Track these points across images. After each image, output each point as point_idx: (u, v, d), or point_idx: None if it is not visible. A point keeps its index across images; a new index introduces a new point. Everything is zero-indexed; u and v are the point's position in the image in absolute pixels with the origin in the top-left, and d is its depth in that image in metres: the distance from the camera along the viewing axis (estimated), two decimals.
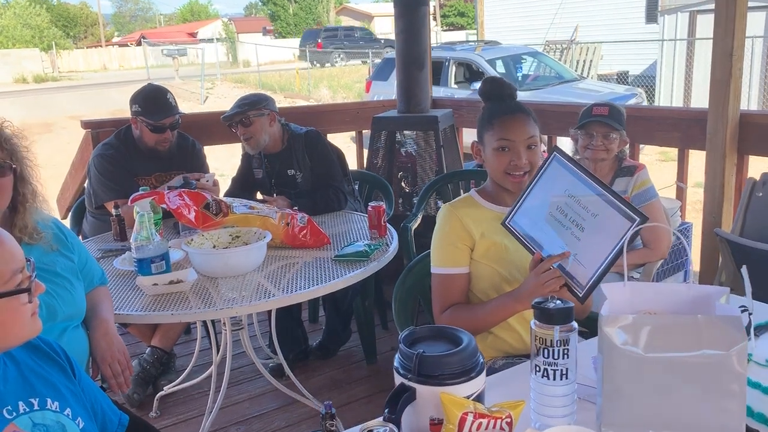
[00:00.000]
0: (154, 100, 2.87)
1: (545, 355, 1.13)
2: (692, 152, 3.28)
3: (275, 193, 3.01)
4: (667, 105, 11.11)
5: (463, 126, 4.28)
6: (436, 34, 27.60)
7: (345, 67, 25.09)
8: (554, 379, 1.13)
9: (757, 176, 2.72)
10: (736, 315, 1.04)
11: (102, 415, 1.31)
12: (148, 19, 61.81)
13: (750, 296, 1.24)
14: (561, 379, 1.13)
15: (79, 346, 1.72)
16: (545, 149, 1.81)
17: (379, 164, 3.98)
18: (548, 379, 1.13)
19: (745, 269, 1.26)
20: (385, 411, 1.04)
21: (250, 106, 2.90)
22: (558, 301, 1.16)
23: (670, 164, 7.69)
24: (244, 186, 3.16)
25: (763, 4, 10.33)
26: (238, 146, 3.20)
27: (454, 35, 30.82)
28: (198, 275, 2.09)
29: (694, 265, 3.07)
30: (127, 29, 57.48)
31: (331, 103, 14.53)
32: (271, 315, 2.76)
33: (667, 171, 6.56)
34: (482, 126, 1.76)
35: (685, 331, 1.03)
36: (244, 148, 3.10)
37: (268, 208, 2.46)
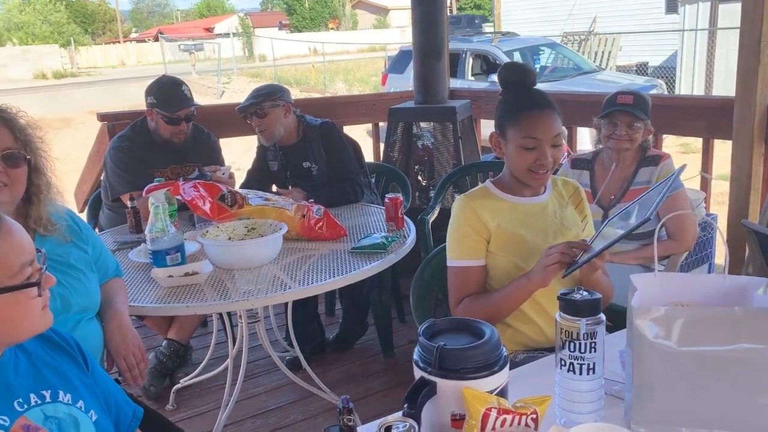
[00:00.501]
0: (169, 92, 2.85)
1: (571, 348, 1.08)
2: (716, 143, 3.20)
3: (290, 186, 2.98)
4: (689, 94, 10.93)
5: (482, 117, 4.22)
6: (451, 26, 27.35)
7: (360, 61, 24.99)
8: (581, 373, 1.09)
9: None
10: None
11: (116, 408, 1.29)
12: (165, 14, 62.14)
13: None
14: (588, 374, 1.09)
15: (94, 338, 1.70)
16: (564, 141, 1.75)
17: (396, 157, 3.93)
18: (574, 373, 1.09)
19: None
20: (405, 406, 1.00)
21: (265, 97, 2.87)
22: (585, 292, 1.11)
23: (691, 156, 7.57)
24: (259, 178, 3.14)
25: None
26: (254, 139, 3.17)
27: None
28: (213, 267, 2.07)
29: (720, 257, 2.99)
30: (144, 25, 57.83)
31: (348, 95, 14.50)
32: (288, 308, 2.74)
33: (688, 162, 6.45)
34: (505, 118, 1.67)
35: (721, 324, 0.98)
36: (259, 140, 3.07)
37: (284, 200, 2.43)
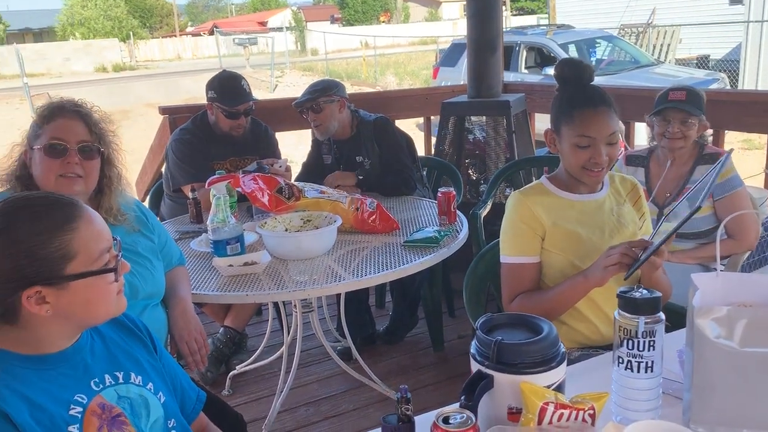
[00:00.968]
0: (229, 87, 2.92)
1: (629, 346, 1.08)
2: None
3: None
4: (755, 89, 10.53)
5: (536, 111, 4.17)
6: (505, 19, 27.01)
7: (411, 54, 24.94)
8: (638, 371, 1.08)
9: None
10: None
11: (181, 391, 1.34)
12: (220, 9, 63.33)
13: None
14: (646, 372, 1.08)
15: (159, 324, 1.78)
16: (621, 137, 1.73)
17: (446, 151, 3.93)
18: (632, 371, 1.09)
19: None
20: (462, 397, 1.02)
21: (321, 93, 2.92)
22: (644, 291, 1.10)
23: (755, 153, 7.31)
24: (314, 171, 3.18)
25: None
26: (307, 133, 3.22)
27: (524, 20, 30.13)
28: (271, 257, 2.12)
29: None
30: (200, 19, 59.07)
31: (400, 89, 14.50)
32: (340, 298, 2.78)
33: (752, 159, 6.23)
34: (560, 115, 1.66)
35: None
36: (314, 134, 3.12)
37: (339, 193, 2.47)
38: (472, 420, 0.96)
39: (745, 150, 7.62)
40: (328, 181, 2.87)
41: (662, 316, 1.10)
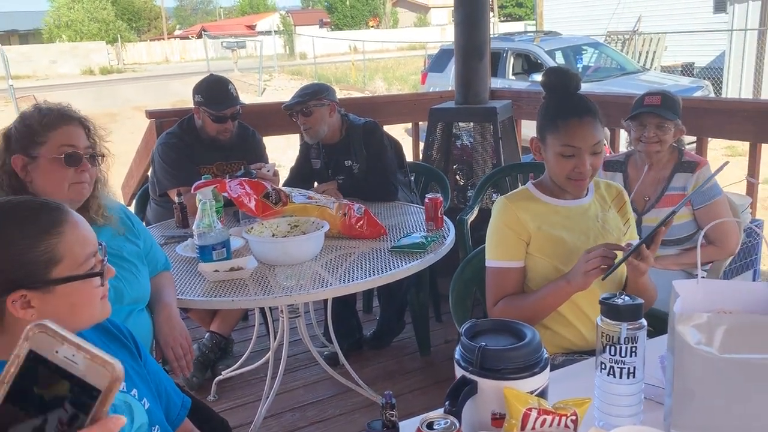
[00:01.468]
0: (216, 91, 2.92)
1: (612, 352, 1.10)
2: (764, 147, 3.13)
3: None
4: (737, 97, 10.65)
5: (522, 118, 4.20)
6: (493, 26, 27.15)
7: (400, 59, 25.01)
8: (621, 377, 1.10)
9: None
10: None
11: (166, 397, 1.34)
12: (209, 12, 63.14)
13: None
14: (628, 378, 1.10)
15: (144, 330, 1.77)
16: (606, 143, 1.75)
17: (434, 157, 3.95)
18: (614, 377, 1.10)
19: None
20: (446, 403, 1.03)
21: (312, 96, 2.92)
22: (626, 297, 1.12)
23: (738, 159, 7.38)
24: (302, 176, 3.19)
25: None
26: (295, 137, 3.23)
27: (512, 26, 30.33)
28: (257, 263, 2.12)
29: (766, 264, 2.93)
30: (188, 22, 58.85)
31: (389, 94, 14.54)
32: (328, 304, 2.78)
33: (734, 166, 6.30)
34: (545, 124, 1.68)
35: (765, 332, 0.98)
36: (303, 138, 3.12)
37: (326, 198, 2.48)
38: (456, 425, 0.96)
39: (728, 156, 7.70)
40: (318, 191, 2.87)
41: (644, 322, 1.11)
